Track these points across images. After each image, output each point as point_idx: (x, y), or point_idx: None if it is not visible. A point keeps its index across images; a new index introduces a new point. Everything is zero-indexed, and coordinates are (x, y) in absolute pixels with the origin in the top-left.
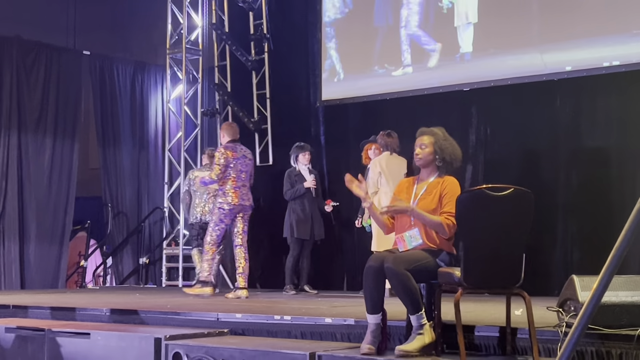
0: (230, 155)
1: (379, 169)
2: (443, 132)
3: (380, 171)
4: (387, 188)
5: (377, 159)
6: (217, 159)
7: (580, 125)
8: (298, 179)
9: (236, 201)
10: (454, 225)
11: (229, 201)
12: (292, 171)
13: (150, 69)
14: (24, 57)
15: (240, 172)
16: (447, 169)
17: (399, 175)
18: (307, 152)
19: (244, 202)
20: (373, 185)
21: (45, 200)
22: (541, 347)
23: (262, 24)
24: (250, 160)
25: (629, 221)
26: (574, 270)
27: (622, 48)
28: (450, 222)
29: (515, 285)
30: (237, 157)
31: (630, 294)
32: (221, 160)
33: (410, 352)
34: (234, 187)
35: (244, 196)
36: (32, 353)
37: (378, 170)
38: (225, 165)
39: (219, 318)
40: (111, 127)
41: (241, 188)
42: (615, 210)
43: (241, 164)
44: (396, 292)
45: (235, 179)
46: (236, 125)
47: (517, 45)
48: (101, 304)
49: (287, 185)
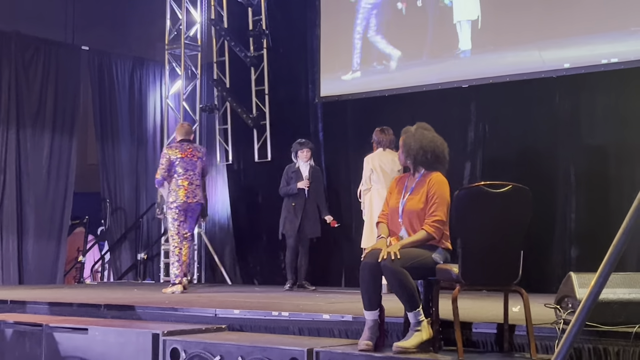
0: (172, 154)
1: (371, 166)
2: (419, 127)
3: (372, 168)
4: (380, 185)
5: (370, 156)
6: (160, 160)
7: (578, 122)
8: (295, 175)
9: (182, 199)
10: (439, 228)
11: (175, 199)
12: (290, 167)
13: (148, 65)
14: (23, 52)
15: (187, 171)
16: (431, 164)
17: (392, 171)
18: (306, 149)
19: (189, 199)
20: (365, 182)
21: (44, 195)
22: (538, 343)
23: (261, 20)
24: (199, 159)
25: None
26: (571, 267)
27: (621, 45)
28: (434, 227)
29: (513, 282)
30: (181, 157)
31: (628, 291)
32: (162, 160)
33: (408, 349)
34: (178, 185)
35: (189, 194)
36: (29, 348)
37: (370, 167)
38: (168, 165)
39: (216, 314)
40: (110, 122)
41: (187, 186)
42: (614, 207)
43: (187, 163)
44: (393, 289)
45: (180, 177)
46: (188, 125)
47: (516, 42)
48: (99, 299)
49: (282, 181)
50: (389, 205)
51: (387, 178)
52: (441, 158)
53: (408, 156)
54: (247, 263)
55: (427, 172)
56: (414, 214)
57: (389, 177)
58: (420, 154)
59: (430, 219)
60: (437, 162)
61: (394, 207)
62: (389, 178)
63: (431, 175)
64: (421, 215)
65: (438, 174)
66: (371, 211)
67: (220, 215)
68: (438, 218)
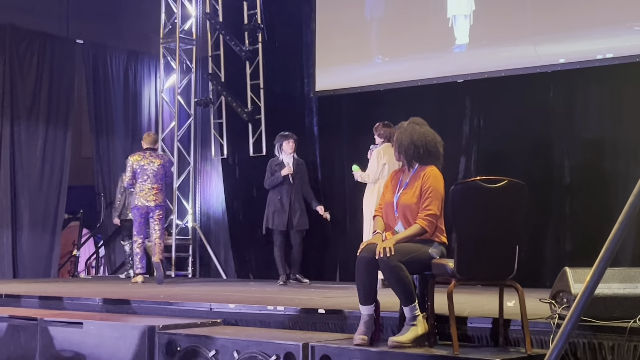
0: (135, 161)
1: (384, 161)
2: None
3: (387, 162)
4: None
5: (381, 149)
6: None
7: (573, 117)
8: (278, 168)
9: (141, 202)
10: (432, 222)
11: (135, 202)
12: (273, 160)
13: (143, 59)
14: (17, 44)
15: (148, 177)
16: (424, 159)
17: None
18: (290, 140)
19: (148, 202)
20: (374, 175)
21: (38, 188)
22: (533, 338)
23: (256, 14)
24: (161, 165)
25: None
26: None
27: (616, 40)
28: (427, 220)
29: (509, 277)
30: (142, 164)
31: (623, 286)
32: (127, 168)
33: (404, 343)
34: (139, 189)
35: (148, 197)
36: (24, 342)
37: (383, 162)
38: (132, 171)
39: (212, 308)
40: (104, 116)
41: (148, 190)
42: (608, 202)
43: (148, 169)
44: (389, 283)
45: (142, 182)
46: (154, 134)
47: (511, 37)
48: (94, 293)
49: (267, 174)
50: (384, 199)
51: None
52: (434, 152)
53: (400, 151)
54: (242, 257)
55: (421, 167)
56: (408, 208)
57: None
58: (411, 148)
59: (424, 213)
60: (430, 156)
61: (389, 202)
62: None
63: (425, 170)
64: (415, 210)
65: (432, 168)
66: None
67: (215, 210)
68: (431, 212)
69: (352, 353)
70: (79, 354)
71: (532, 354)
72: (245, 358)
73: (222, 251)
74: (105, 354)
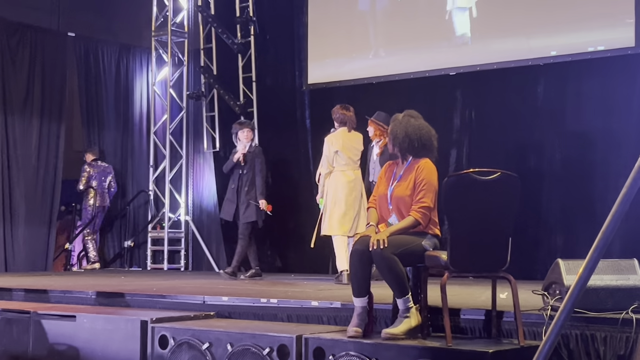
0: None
1: (336, 147)
2: (405, 115)
3: (338, 149)
4: (346, 167)
5: (333, 136)
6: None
7: (564, 109)
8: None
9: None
10: (425, 214)
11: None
12: (234, 150)
13: (135, 52)
14: (9, 38)
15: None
16: (418, 151)
17: (356, 152)
18: (245, 129)
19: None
20: (327, 164)
21: (33, 182)
22: (526, 330)
23: (248, 7)
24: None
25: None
26: (557, 254)
27: (607, 33)
28: (420, 212)
29: (501, 269)
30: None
31: (615, 277)
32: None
33: (397, 335)
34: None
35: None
36: (17, 335)
37: (334, 149)
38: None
39: (205, 301)
40: (96, 109)
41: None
42: (600, 194)
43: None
44: (383, 276)
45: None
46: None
47: (503, 30)
48: (87, 286)
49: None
50: (378, 191)
51: (353, 159)
52: (428, 145)
53: (394, 144)
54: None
55: (415, 160)
56: (402, 200)
57: (354, 158)
58: (406, 141)
59: (417, 205)
60: (425, 149)
61: (383, 194)
62: (355, 159)
63: (419, 162)
64: (409, 202)
65: (426, 161)
66: (335, 194)
67: (207, 203)
68: (425, 204)
69: (345, 345)
70: (72, 347)
71: (525, 345)
72: (239, 350)
73: (215, 244)
74: (98, 347)
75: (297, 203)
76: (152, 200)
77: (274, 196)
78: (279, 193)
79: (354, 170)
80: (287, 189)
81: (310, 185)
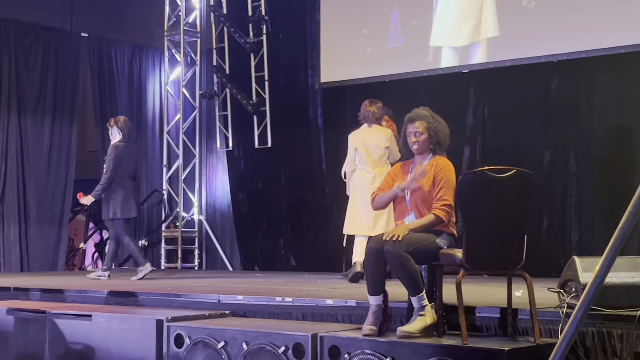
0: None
1: (354, 145)
2: (430, 112)
3: (356, 147)
4: (365, 165)
5: (354, 133)
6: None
7: (579, 106)
8: None
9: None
10: (448, 212)
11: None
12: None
13: (148, 51)
14: (22, 38)
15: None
16: (440, 149)
17: (377, 148)
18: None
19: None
20: (350, 162)
21: (45, 182)
22: (542, 327)
23: (260, 6)
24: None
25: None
26: (572, 251)
27: (622, 29)
28: (444, 210)
29: (517, 267)
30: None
31: (631, 274)
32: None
33: (412, 333)
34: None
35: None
36: (33, 335)
37: (354, 146)
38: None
39: (220, 300)
40: (109, 109)
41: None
42: (615, 191)
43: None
44: (396, 274)
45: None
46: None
47: (516, 27)
48: (102, 286)
49: None
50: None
51: (372, 157)
52: (442, 144)
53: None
54: (248, 249)
55: (433, 156)
56: (421, 195)
57: (375, 155)
58: (444, 138)
59: (439, 203)
60: (440, 147)
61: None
62: (375, 157)
63: (438, 160)
64: (427, 198)
65: (444, 159)
66: (355, 194)
67: (220, 202)
68: (447, 202)
69: (360, 343)
70: (88, 346)
71: (541, 343)
72: (255, 349)
73: (228, 243)
74: (114, 346)
75: (310, 202)
76: (165, 199)
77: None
78: (291, 192)
79: (374, 168)
80: (299, 188)
81: (323, 184)
